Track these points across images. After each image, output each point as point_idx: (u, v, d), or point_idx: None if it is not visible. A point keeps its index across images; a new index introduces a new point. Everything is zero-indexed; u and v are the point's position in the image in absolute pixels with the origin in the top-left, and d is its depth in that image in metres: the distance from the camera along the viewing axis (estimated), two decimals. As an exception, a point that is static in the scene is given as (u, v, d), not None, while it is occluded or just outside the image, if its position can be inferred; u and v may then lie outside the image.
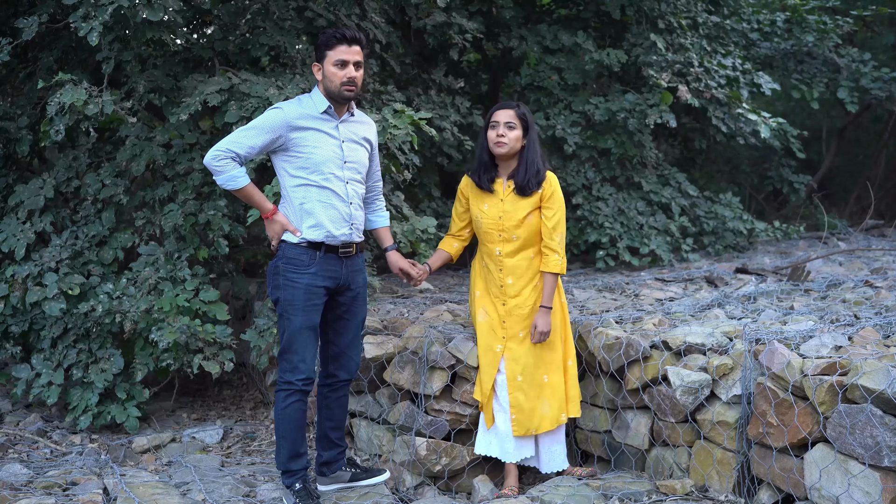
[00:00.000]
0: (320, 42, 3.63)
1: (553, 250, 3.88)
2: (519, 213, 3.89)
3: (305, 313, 3.61)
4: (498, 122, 3.87)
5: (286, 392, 3.65)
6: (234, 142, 3.55)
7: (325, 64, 3.61)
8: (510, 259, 3.95)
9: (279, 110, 3.60)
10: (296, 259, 3.60)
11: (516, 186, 3.90)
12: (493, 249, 3.98)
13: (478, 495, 3.90)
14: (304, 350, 3.62)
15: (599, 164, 7.10)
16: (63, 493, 3.89)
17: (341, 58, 3.58)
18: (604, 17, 7.42)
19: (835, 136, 11.17)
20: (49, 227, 5.12)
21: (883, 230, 9.04)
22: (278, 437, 3.70)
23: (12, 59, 5.22)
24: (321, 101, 3.65)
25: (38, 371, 4.91)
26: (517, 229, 3.91)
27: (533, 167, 3.88)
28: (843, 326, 3.79)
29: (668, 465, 3.81)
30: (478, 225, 4.01)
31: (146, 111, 5.42)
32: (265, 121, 3.58)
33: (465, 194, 4.08)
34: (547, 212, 3.90)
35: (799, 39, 8.77)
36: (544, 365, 3.93)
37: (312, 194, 3.61)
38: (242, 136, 3.56)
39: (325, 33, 3.64)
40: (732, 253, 7.38)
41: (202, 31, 5.81)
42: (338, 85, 3.60)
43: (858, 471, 3.06)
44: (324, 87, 3.65)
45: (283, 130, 3.56)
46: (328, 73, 3.61)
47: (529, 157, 3.89)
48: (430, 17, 6.41)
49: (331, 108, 3.65)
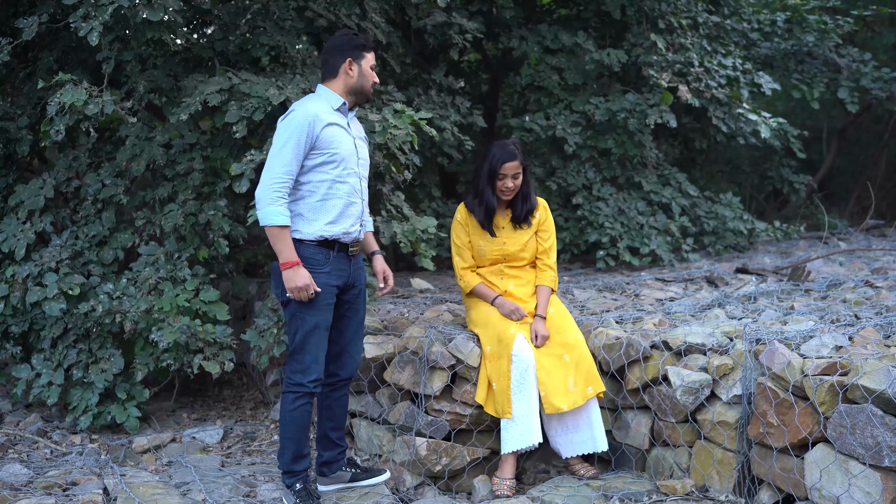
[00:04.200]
0: (358, 42, 3.63)
1: (549, 267, 4.19)
2: (521, 240, 4.17)
3: (321, 313, 3.60)
4: (506, 174, 4.01)
5: (295, 394, 3.62)
6: (285, 170, 3.45)
7: (364, 63, 3.65)
8: (511, 271, 4.20)
9: (298, 112, 3.53)
10: (311, 259, 3.57)
11: (514, 217, 4.15)
12: (496, 268, 4.21)
13: (478, 495, 3.90)
14: (317, 350, 3.61)
15: (600, 164, 7.10)
16: (63, 494, 3.89)
17: (375, 64, 3.70)
18: (604, 17, 7.42)
19: (835, 136, 11.17)
20: (49, 228, 5.12)
21: (883, 230, 9.04)
22: (283, 439, 3.68)
23: (12, 59, 5.23)
24: (334, 97, 3.64)
25: (39, 371, 4.91)
26: (521, 253, 4.17)
27: (528, 201, 4.13)
28: (843, 326, 3.78)
29: (668, 466, 3.81)
30: (481, 254, 4.19)
31: (146, 111, 5.42)
32: (297, 128, 3.47)
33: (467, 226, 4.20)
34: (543, 234, 4.21)
35: (799, 39, 8.77)
36: (559, 345, 3.95)
37: (335, 190, 3.58)
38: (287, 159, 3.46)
39: (360, 35, 3.66)
40: (733, 253, 7.38)
41: (202, 31, 5.81)
42: (371, 85, 3.70)
43: (859, 471, 3.05)
44: (347, 85, 3.64)
45: (312, 128, 3.49)
46: (365, 72, 3.66)
47: (525, 191, 4.12)
48: (430, 17, 6.41)
49: (344, 106, 3.65)
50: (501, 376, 3.90)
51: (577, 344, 3.95)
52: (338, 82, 3.65)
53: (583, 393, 3.87)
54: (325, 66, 3.68)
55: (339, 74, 3.64)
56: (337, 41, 3.67)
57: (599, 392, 3.90)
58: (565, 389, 3.88)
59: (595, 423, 3.92)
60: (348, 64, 3.63)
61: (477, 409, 4.07)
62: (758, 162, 10.85)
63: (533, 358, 3.90)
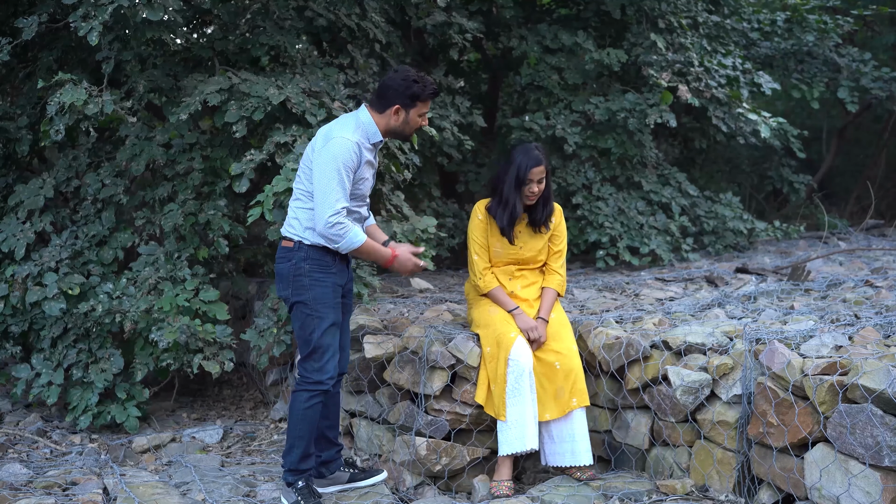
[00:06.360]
0: (414, 91, 3.57)
1: (557, 271, 4.21)
2: (536, 246, 4.19)
3: (334, 311, 3.68)
4: (532, 180, 4.03)
5: (311, 393, 3.65)
6: (339, 200, 3.47)
7: (412, 112, 3.62)
8: (521, 272, 4.21)
9: (354, 144, 3.51)
10: (320, 260, 3.62)
11: (533, 221, 4.16)
12: (507, 269, 4.20)
13: (478, 495, 3.90)
14: (333, 347, 3.67)
15: (599, 163, 7.10)
16: (63, 493, 3.89)
17: (427, 111, 3.67)
18: (604, 16, 7.41)
19: (835, 135, 11.16)
20: (49, 227, 5.12)
21: (883, 230, 9.03)
22: (293, 437, 3.69)
23: (12, 59, 5.23)
24: (375, 134, 3.63)
25: (38, 371, 4.91)
26: (536, 257, 4.21)
27: (548, 205, 4.16)
28: (843, 326, 3.78)
29: (668, 465, 3.81)
30: (496, 255, 4.19)
31: (146, 111, 5.42)
32: (345, 159, 3.48)
33: (486, 226, 4.17)
34: (556, 240, 4.24)
35: (799, 39, 8.76)
36: (553, 353, 3.95)
37: (353, 217, 3.63)
38: (340, 189, 3.47)
39: (419, 82, 3.57)
40: (732, 253, 7.38)
41: (202, 31, 5.81)
42: (412, 131, 3.70)
43: (859, 471, 3.05)
44: (389, 126, 3.63)
45: (357, 161, 3.53)
46: (411, 120, 3.64)
47: (546, 195, 4.14)
48: (430, 17, 6.40)
49: (381, 142, 3.67)
50: (498, 379, 3.91)
51: (570, 354, 3.94)
52: (382, 118, 3.63)
53: (567, 404, 3.88)
54: (378, 96, 3.64)
55: (385, 113, 3.62)
56: (394, 82, 3.59)
57: (584, 405, 3.90)
58: (551, 398, 3.90)
59: (578, 437, 3.90)
60: (396, 109, 3.60)
61: (477, 409, 4.07)
62: (757, 161, 10.84)
63: (531, 363, 3.90)
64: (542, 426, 3.95)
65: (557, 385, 3.89)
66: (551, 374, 3.91)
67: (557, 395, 3.89)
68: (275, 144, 4.62)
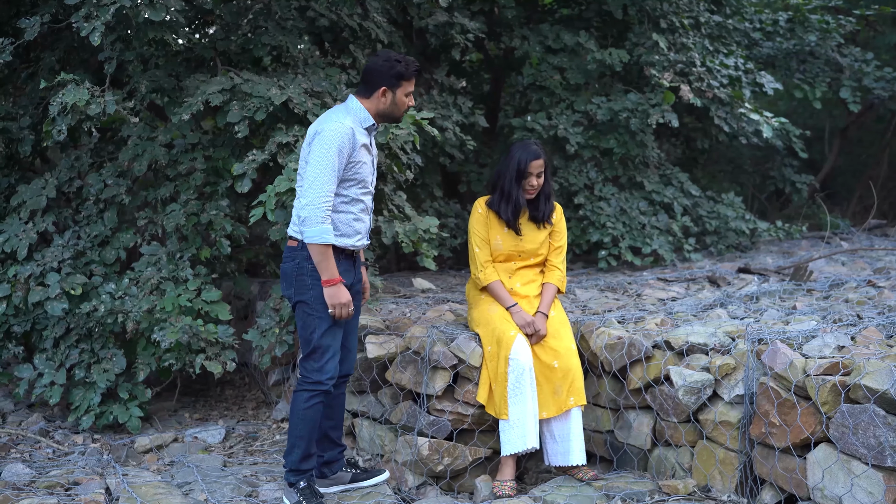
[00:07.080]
0: (396, 71, 3.59)
1: (558, 267, 4.23)
2: (538, 238, 4.21)
3: None
4: (532, 173, 4.07)
5: (311, 393, 3.64)
6: (329, 182, 3.47)
7: (399, 92, 3.63)
8: (521, 269, 4.22)
9: (344, 126, 3.52)
10: None
11: (531, 216, 4.19)
12: (508, 266, 4.22)
13: (480, 495, 3.90)
14: (334, 348, 3.66)
15: (602, 163, 7.10)
16: (65, 493, 3.90)
17: (412, 89, 3.68)
18: (606, 16, 7.41)
19: (837, 135, 11.15)
20: (51, 227, 5.13)
21: (886, 230, 9.02)
22: (294, 437, 3.68)
23: (14, 60, 5.23)
24: (366, 118, 3.64)
25: (41, 371, 4.92)
26: (537, 250, 4.22)
27: (550, 202, 4.21)
28: (845, 326, 3.78)
29: (670, 465, 3.81)
30: (496, 249, 4.21)
31: (148, 111, 5.43)
32: (340, 143, 3.48)
33: (487, 221, 4.20)
34: (556, 236, 4.27)
35: (801, 39, 8.75)
36: (552, 352, 3.96)
37: (351, 207, 3.63)
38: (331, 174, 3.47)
39: (402, 62, 3.60)
40: (735, 253, 7.37)
41: (204, 31, 5.82)
42: (402, 112, 3.71)
43: (861, 471, 3.05)
44: (378, 109, 3.64)
45: (351, 145, 3.53)
46: (399, 101, 3.65)
47: (547, 190, 4.19)
48: (432, 17, 6.41)
49: (373, 126, 3.67)
50: (499, 378, 3.91)
51: (569, 354, 3.95)
52: (370, 103, 3.65)
53: (564, 402, 3.89)
54: (363, 82, 3.67)
55: (372, 97, 3.64)
56: (377, 65, 3.63)
57: (581, 405, 3.91)
58: (548, 396, 3.90)
59: (574, 436, 3.92)
60: (382, 91, 3.62)
61: (479, 409, 4.07)
62: (760, 162, 10.83)
63: (531, 361, 3.90)
64: (544, 426, 3.95)
65: (555, 384, 3.90)
66: (549, 372, 3.92)
67: (555, 393, 3.89)
68: (277, 145, 4.62)
